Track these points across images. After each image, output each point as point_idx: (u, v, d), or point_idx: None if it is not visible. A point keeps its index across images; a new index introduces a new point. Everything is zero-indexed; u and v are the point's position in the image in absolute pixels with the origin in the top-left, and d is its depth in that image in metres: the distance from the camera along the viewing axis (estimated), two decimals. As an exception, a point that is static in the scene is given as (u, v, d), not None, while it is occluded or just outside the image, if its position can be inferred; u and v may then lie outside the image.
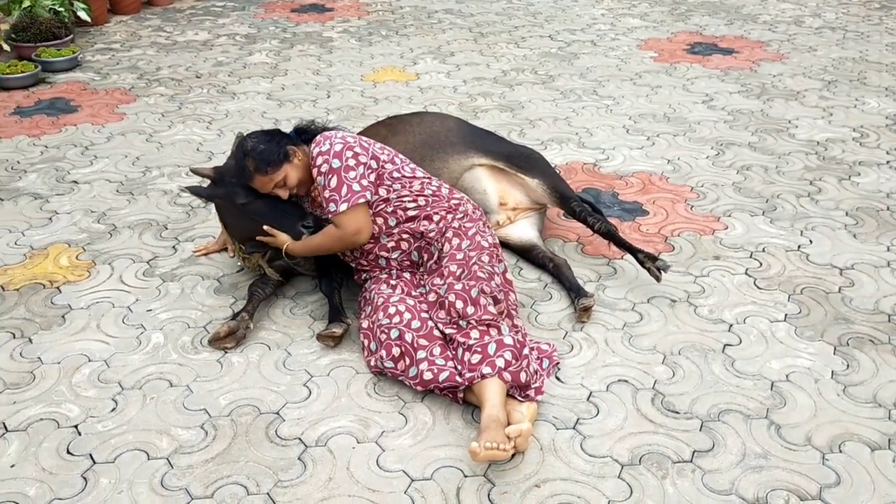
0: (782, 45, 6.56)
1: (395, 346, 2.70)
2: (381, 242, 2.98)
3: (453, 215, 2.98)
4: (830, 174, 4.30)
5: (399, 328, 2.71)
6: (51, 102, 5.43)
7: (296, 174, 2.95)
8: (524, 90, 5.63)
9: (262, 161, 2.89)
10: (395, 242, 2.98)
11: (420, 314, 2.76)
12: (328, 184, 2.86)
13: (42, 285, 3.35)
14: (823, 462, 2.42)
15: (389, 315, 2.76)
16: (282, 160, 2.92)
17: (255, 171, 2.91)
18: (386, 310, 2.78)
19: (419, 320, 2.74)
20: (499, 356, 2.58)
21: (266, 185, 2.93)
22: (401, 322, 2.73)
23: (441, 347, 2.68)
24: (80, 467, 2.41)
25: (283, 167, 2.92)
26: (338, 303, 3.06)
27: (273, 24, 7.36)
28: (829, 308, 3.16)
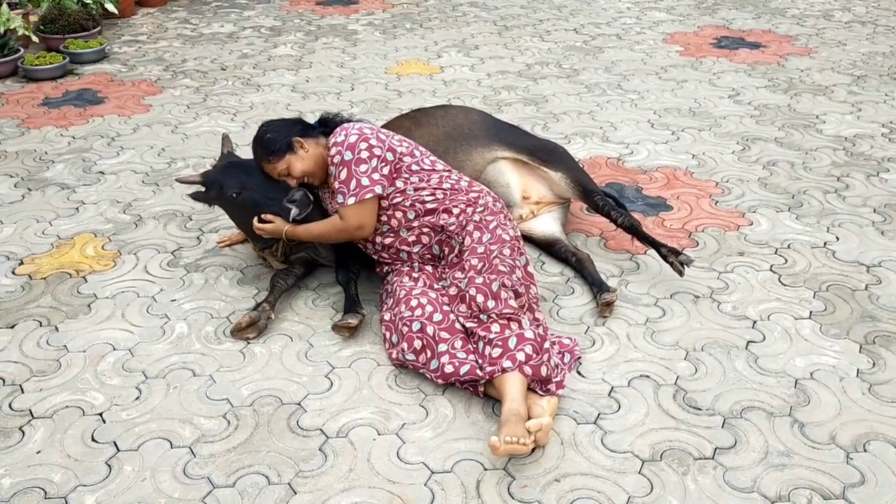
0: (811, 40, 6.47)
1: (416, 338, 2.70)
2: (402, 236, 2.99)
3: (473, 208, 2.97)
4: (858, 170, 4.24)
5: (421, 321, 2.72)
6: (78, 93, 5.48)
7: (300, 165, 2.97)
8: (548, 84, 5.60)
9: (265, 149, 2.99)
10: (416, 236, 2.98)
11: (442, 307, 2.76)
12: (338, 175, 2.88)
13: (68, 274, 3.39)
14: (847, 461, 2.39)
15: (411, 308, 2.77)
16: (283, 151, 2.96)
17: (259, 157, 3.03)
18: (408, 302, 2.79)
19: (441, 313, 2.74)
20: (519, 350, 2.57)
21: (271, 172, 3.02)
22: (423, 315, 2.73)
23: (462, 341, 2.68)
24: (105, 454, 2.44)
25: (284, 157, 2.97)
26: (353, 293, 3.07)
27: (298, 17, 7.38)
28: (856, 306, 3.12)
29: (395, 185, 2.94)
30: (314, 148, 3.00)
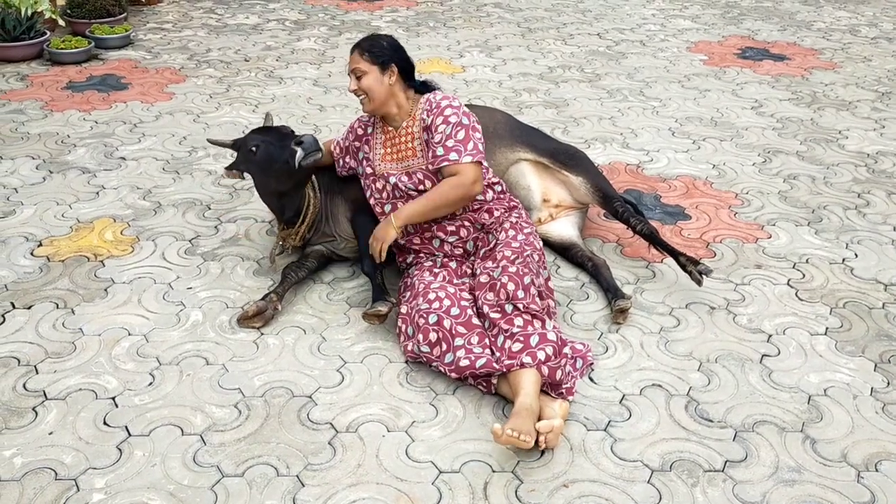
0: (836, 54, 6.43)
1: (432, 330, 2.71)
2: (442, 223, 2.99)
3: (510, 213, 3.08)
4: (880, 187, 4.21)
5: (438, 314, 2.72)
6: (102, 79, 5.52)
7: (374, 84, 2.91)
8: (570, 87, 5.59)
9: (371, 45, 2.94)
10: (456, 227, 3.00)
11: (460, 302, 2.77)
12: (454, 134, 2.85)
13: (86, 258, 3.41)
14: (858, 479, 2.38)
15: (429, 300, 2.77)
16: (378, 61, 2.91)
17: (360, 45, 2.95)
18: (426, 295, 2.80)
19: (459, 307, 2.75)
20: (540, 349, 2.57)
21: (352, 63, 2.95)
22: (440, 308, 2.74)
23: (479, 336, 2.69)
24: (116, 438, 2.46)
25: (374, 65, 2.91)
26: (381, 282, 3.05)
27: (322, 11, 7.40)
28: (872, 324, 3.10)
29: None
30: (397, 88, 2.96)
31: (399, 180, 3.00)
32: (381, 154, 3.07)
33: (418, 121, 2.98)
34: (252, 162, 3.10)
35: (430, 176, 2.96)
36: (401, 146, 3.02)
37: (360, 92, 2.95)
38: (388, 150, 3.06)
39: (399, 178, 3.00)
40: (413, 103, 3.01)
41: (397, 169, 3.02)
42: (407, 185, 2.99)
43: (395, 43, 3.01)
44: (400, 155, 3.03)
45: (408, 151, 3.00)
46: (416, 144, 2.98)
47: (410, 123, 3.00)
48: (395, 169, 3.02)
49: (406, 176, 2.99)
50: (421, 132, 2.97)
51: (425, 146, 2.96)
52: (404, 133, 3.01)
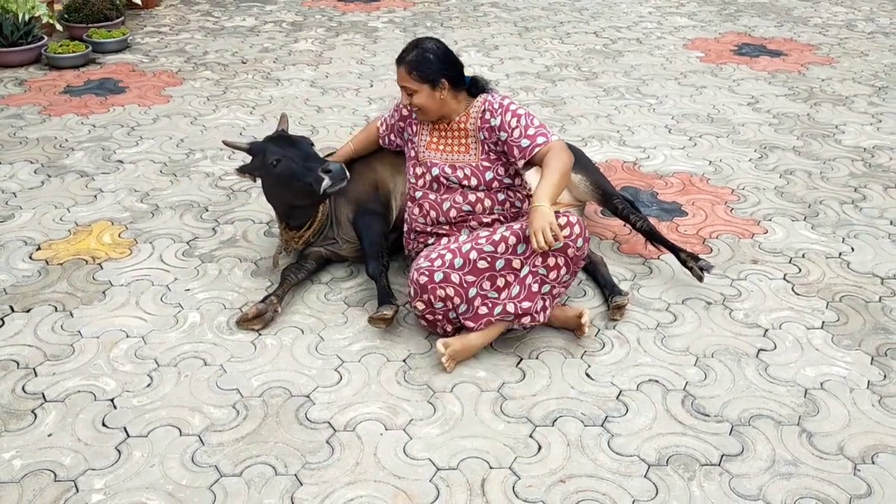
0: (832, 49, 6.43)
1: (439, 287, 2.75)
2: (480, 216, 3.01)
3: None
4: (876, 182, 4.21)
5: (443, 271, 2.76)
6: (100, 83, 5.53)
7: (426, 100, 2.93)
8: (567, 86, 5.60)
9: (418, 62, 2.89)
10: (491, 220, 3.01)
11: (461, 251, 2.79)
12: (530, 122, 2.91)
13: (85, 261, 3.43)
14: (855, 472, 2.38)
15: (430, 259, 2.79)
16: (428, 79, 2.90)
17: (405, 60, 2.91)
18: (428, 255, 2.82)
19: (461, 257, 2.78)
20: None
21: (400, 79, 2.94)
22: (443, 265, 2.77)
23: (490, 280, 2.80)
24: (115, 440, 2.47)
25: (423, 84, 2.90)
26: (385, 285, 3.06)
27: (319, 13, 7.41)
28: (869, 317, 3.11)
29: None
30: (449, 97, 2.96)
31: (442, 171, 3.00)
32: (426, 141, 3.07)
33: (473, 118, 2.99)
34: (270, 173, 3.07)
35: (477, 173, 2.97)
36: (450, 139, 3.03)
37: (412, 106, 2.97)
38: (435, 140, 3.05)
39: (442, 169, 3.00)
40: (466, 102, 3.01)
41: (441, 159, 3.02)
42: (450, 178, 2.99)
43: (442, 51, 2.94)
44: (448, 147, 3.03)
45: (459, 146, 3.01)
46: (470, 141, 3.00)
47: (464, 119, 3.00)
48: (439, 159, 3.02)
49: (450, 168, 3.00)
50: (477, 130, 2.98)
51: (480, 145, 2.98)
52: (456, 127, 3.02)
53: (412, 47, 2.94)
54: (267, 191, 3.21)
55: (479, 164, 2.97)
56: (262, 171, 3.10)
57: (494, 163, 2.98)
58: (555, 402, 2.66)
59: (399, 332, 3.00)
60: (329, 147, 4.38)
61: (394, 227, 3.34)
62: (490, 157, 2.98)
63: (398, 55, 2.97)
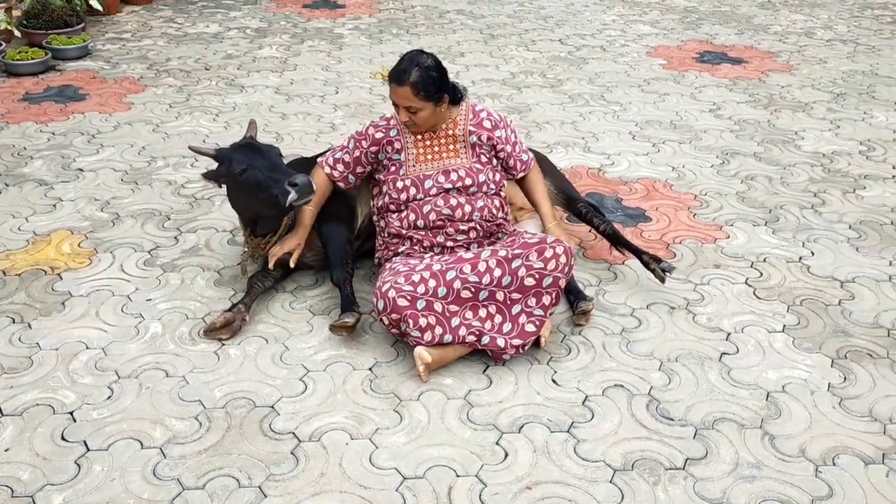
0: (792, 57, 6.55)
1: (422, 316, 2.74)
2: (457, 223, 3.00)
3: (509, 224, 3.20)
4: (835, 187, 4.29)
5: (426, 299, 2.76)
6: (59, 90, 5.45)
7: (429, 116, 2.94)
8: (532, 93, 5.63)
9: (421, 82, 2.86)
10: (468, 228, 3.01)
11: (445, 278, 2.79)
12: (520, 140, 3.16)
13: (43, 271, 3.36)
14: (816, 474, 2.41)
15: (413, 283, 2.78)
16: (432, 98, 2.90)
17: (404, 79, 2.87)
18: (409, 277, 2.80)
19: (445, 286, 2.78)
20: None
21: (401, 95, 2.90)
22: (426, 292, 2.77)
23: (472, 309, 2.80)
24: (74, 454, 2.42)
25: (428, 102, 2.90)
26: (349, 293, 3.04)
27: (284, 19, 7.37)
28: (829, 320, 3.16)
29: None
30: (444, 108, 3.00)
31: (435, 180, 3.01)
32: (414, 155, 3.05)
33: (461, 124, 3.05)
34: (235, 182, 3.02)
35: (472, 174, 3.02)
36: (438, 147, 3.05)
37: (411, 123, 2.96)
38: (422, 151, 3.05)
39: (435, 179, 3.01)
40: (451, 109, 3.04)
41: (433, 169, 3.03)
42: (444, 184, 3.00)
43: (440, 66, 2.94)
44: (437, 155, 3.04)
45: (448, 152, 3.04)
46: (459, 147, 3.05)
47: (451, 126, 3.05)
48: (430, 169, 3.03)
49: (443, 175, 3.02)
50: (466, 135, 3.05)
51: (471, 149, 3.05)
52: (443, 135, 3.04)
53: (411, 66, 2.88)
54: (232, 199, 3.18)
55: (471, 166, 3.03)
56: (227, 179, 3.07)
57: (485, 166, 3.06)
58: (521, 408, 2.66)
59: (365, 341, 2.98)
60: (295, 154, 4.35)
61: (358, 234, 3.32)
62: (481, 160, 3.06)
63: (395, 74, 2.89)
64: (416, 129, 3.01)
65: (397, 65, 2.92)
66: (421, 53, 2.95)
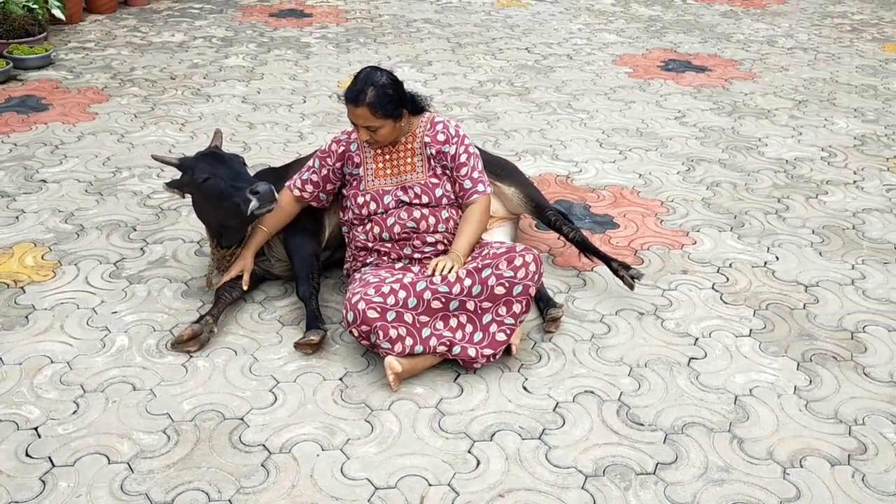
0: (755, 64, 6.66)
1: (392, 327, 2.73)
2: (423, 235, 2.99)
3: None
4: (798, 192, 4.36)
5: (396, 310, 2.75)
6: (21, 100, 5.36)
7: (390, 133, 2.92)
8: (500, 101, 5.66)
9: (378, 100, 2.83)
10: (436, 240, 3.01)
11: (415, 289, 2.78)
12: (476, 166, 3.06)
13: (6, 285, 3.30)
14: (784, 476, 2.44)
15: (383, 294, 2.76)
16: (391, 115, 2.87)
17: (360, 99, 2.82)
18: (379, 288, 2.78)
19: (415, 297, 2.77)
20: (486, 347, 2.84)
21: (360, 116, 2.85)
22: (396, 304, 2.75)
23: (443, 319, 2.80)
24: (39, 470, 2.38)
25: (387, 119, 2.87)
26: (315, 308, 3.03)
27: (251, 28, 7.33)
28: (794, 324, 3.20)
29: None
30: (405, 122, 2.97)
31: (394, 196, 2.99)
32: (373, 170, 3.04)
33: (419, 137, 3.02)
34: (199, 191, 3.01)
35: (427, 190, 2.99)
36: (397, 161, 3.03)
37: (371, 141, 2.93)
38: (381, 165, 3.04)
39: (394, 194, 2.99)
40: (411, 121, 3.02)
41: (392, 184, 3.01)
42: (402, 200, 2.99)
43: (395, 82, 2.91)
44: (396, 169, 3.03)
45: (405, 166, 3.02)
46: (416, 160, 3.02)
47: (410, 140, 3.03)
48: (389, 185, 3.01)
49: (401, 191, 3.00)
50: (423, 147, 3.02)
51: (427, 162, 3.02)
52: (403, 149, 3.03)
53: (366, 85, 2.83)
54: (197, 208, 3.15)
55: (427, 181, 3.01)
56: (190, 188, 3.05)
57: (441, 178, 3.03)
58: (493, 416, 2.66)
59: (335, 351, 2.97)
60: (262, 164, 4.33)
61: (328, 244, 3.31)
62: (437, 174, 3.03)
63: (351, 94, 2.85)
64: (377, 146, 2.99)
65: (352, 85, 2.87)
66: (375, 71, 2.90)
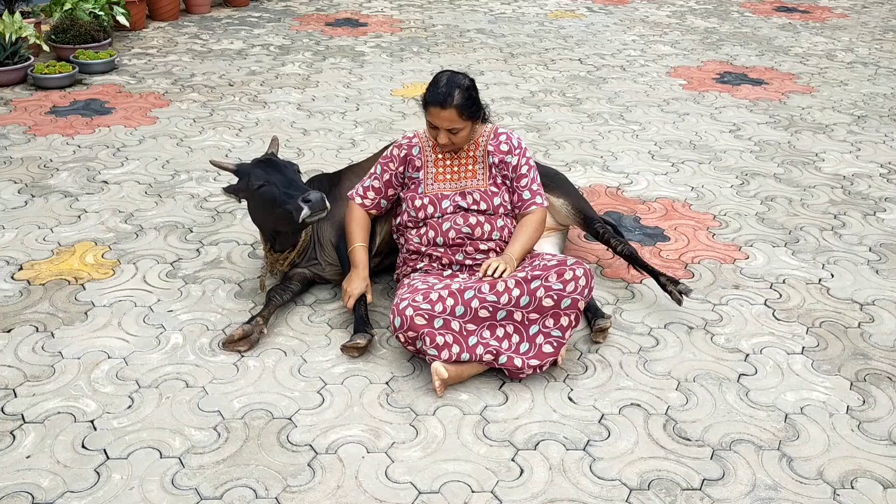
0: (813, 78, 6.54)
1: (439, 335, 2.75)
2: (477, 242, 3.02)
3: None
4: (855, 209, 4.27)
5: (443, 317, 2.77)
6: (86, 103, 5.53)
7: (467, 135, 3.00)
8: (551, 111, 5.66)
9: (467, 105, 2.90)
10: (488, 248, 3.03)
11: (463, 297, 2.80)
12: (535, 178, 3.11)
13: (67, 281, 3.41)
14: (834, 497, 2.40)
15: (431, 301, 2.79)
16: (474, 117, 2.97)
17: (449, 101, 2.87)
18: (427, 295, 2.81)
19: (463, 305, 2.79)
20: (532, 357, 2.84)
21: (445, 118, 2.90)
22: (444, 311, 2.78)
23: (490, 329, 2.81)
24: (94, 462, 2.45)
25: (469, 122, 2.95)
26: (363, 312, 3.06)
27: (307, 37, 7.46)
28: (848, 343, 3.14)
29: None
30: (478, 127, 3.07)
31: (452, 200, 3.03)
32: (433, 174, 3.09)
33: (482, 146, 3.08)
34: (253, 197, 3.09)
35: (486, 198, 3.04)
36: (457, 167, 3.08)
37: (449, 143, 2.99)
38: (441, 170, 3.08)
39: (453, 199, 3.04)
40: (475, 130, 3.07)
41: (451, 189, 3.06)
42: (460, 205, 3.03)
43: (475, 85, 2.98)
44: (456, 175, 3.08)
45: (466, 173, 3.07)
46: (478, 168, 3.07)
47: (473, 148, 3.08)
48: (449, 189, 3.06)
49: (460, 196, 3.04)
50: (486, 156, 3.07)
51: (488, 170, 3.07)
52: (465, 156, 3.08)
53: (452, 88, 2.88)
54: (251, 213, 3.23)
55: (487, 189, 3.05)
56: (246, 194, 3.12)
57: (500, 188, 3.07)
58: (537, 425, 2.66)
59: (382, 355, 3.00)
60: (315, 170, 4.40)
61: (378, 250, 3.34)
62: (497, 183, 3.07)
63: (438, 97, 2.88)
64: (454, 148, 3.03)
65: (435, 88, 2.90)
66: (456, 74, 2.95)
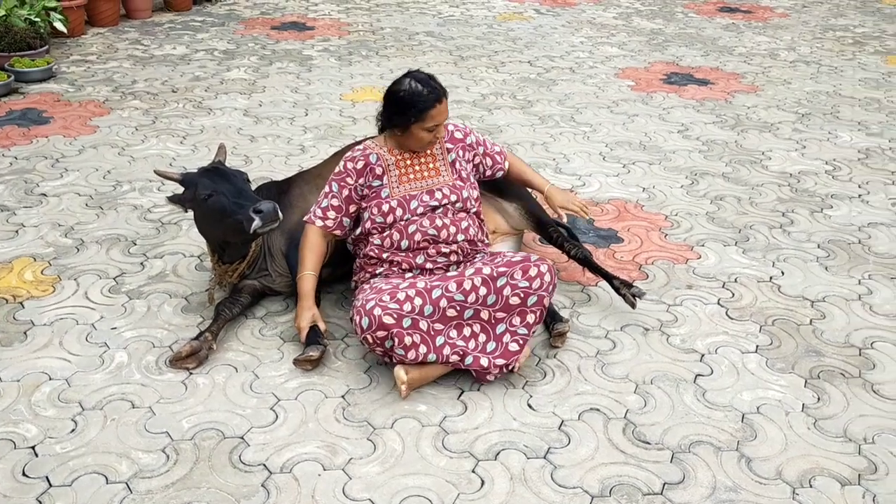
0: (757, 78, 6.64)
1: (407, 335, 2.70)
2: (439, 245, 2.97)
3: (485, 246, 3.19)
4: (803, 206, 4.33)
5: (412, 317, 2.73)
6: (22, 113, 5.34)
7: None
8: (502, 114, 5.64)
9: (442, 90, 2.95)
10: (450, 251, 2.98)
11: (431, 296, 2.77)
12: (484, 138, 3.27)
13: (5, 300, 3.27)
14: (793, 496, 2.40)
15: (399, 301, 2.74)
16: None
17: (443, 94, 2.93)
18: (394, 295, 2.76)
19: (431, 304, 2.76)
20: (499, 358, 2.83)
21: (445, 113, 2.94)
22: (412, 310, 2.73)
23: (457, 328, 2.79)
24: (36, 490, 2.34)
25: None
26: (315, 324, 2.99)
27: (252, 41, 7.33)
28: (801, 340, 3.17)
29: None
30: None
31: (420, 200, 2.99)
32: (397, 176, 3.02)
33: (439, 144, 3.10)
34: (201, 207, 2.99)
35: (455, 189, 3.03)
36: (419, 166, 3.04)
37: (435, 138, 2.99)
38: (404, 171, 3.03)
39: (420, 198, 2.99)
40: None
41: (418, 189, 3.01)
42: (430, 203, 2.98)
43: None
44: (420, 175, 3.03)
45: (429, 171, 3.05)
46: (439, 165, 3.07)
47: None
48: (416, 189, 3.01)
49: (428, 195, 3.00)
50: (444, 153, 3.09)
51: (450, 166, 3.09)
52: (425, 156, 3.06)
53: (435, 80, 2.96)
54: (199, 224, 3.13)
55: (454, 182, 3.05)
56: (193, 204, 3.02)
57: (465, 181, 3.08)
58: (497, 434, 2.62)
59: (337, 367, 2.93)
60: (264, 178, 4.31)
61: (329, 261, 3.27)
62: (461, 176, 3.08)
63: (438, 91, 2.92)
64: (431, 146, 3.04)
65: (424, 90, 2.90)
66: (418, 70, 3.01)
